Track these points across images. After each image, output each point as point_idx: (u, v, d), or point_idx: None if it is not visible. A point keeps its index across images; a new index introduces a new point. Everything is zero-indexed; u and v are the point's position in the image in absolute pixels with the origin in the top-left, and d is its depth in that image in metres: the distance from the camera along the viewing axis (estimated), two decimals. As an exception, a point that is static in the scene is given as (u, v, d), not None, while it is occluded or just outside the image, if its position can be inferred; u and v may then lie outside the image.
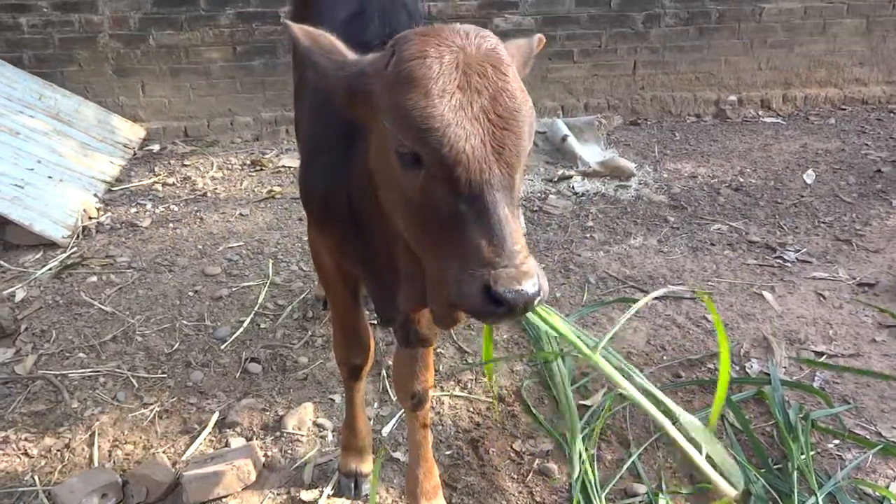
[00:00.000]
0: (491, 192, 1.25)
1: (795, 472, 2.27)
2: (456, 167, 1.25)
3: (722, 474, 1.37)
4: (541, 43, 1.69)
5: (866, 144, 5.28)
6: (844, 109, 6.04)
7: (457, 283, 1.26)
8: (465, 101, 1.27)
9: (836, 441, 2.52)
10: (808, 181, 4.69)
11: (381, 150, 1.42)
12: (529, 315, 1.37)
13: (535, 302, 1.24)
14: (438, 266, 1.32)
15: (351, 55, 1.47)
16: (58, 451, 2.55)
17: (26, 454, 2.53)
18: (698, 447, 1.41)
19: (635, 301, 3.33)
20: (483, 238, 1.23)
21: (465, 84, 1.28)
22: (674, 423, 1.42)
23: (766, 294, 3.43)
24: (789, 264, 3.69)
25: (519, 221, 1.31)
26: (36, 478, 2.42)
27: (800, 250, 3.82)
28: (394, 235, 1.60)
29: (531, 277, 1.23)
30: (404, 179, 1.34)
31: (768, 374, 2.81)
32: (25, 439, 2.59)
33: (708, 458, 1.39)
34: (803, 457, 2.35)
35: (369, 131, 1.50)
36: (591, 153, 5.00)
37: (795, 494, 2.19)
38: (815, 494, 2.19)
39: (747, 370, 2.91)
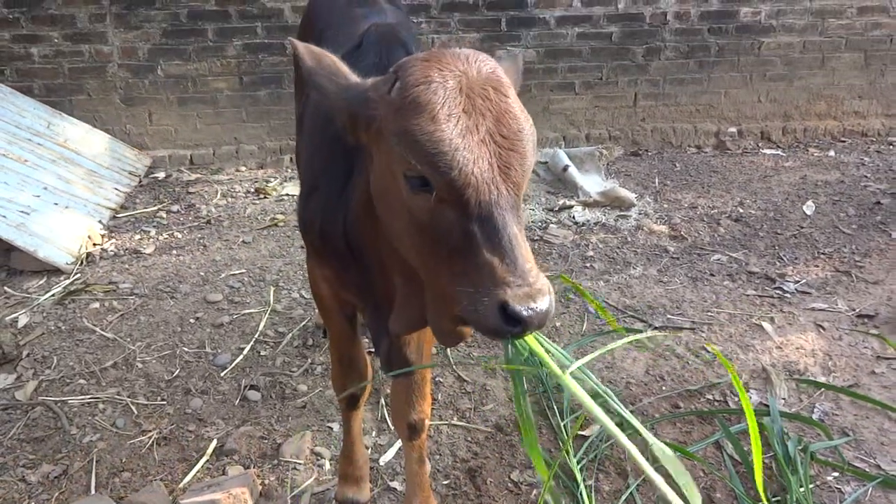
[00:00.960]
0: (500, 212, 1.28)
1: (794, 505, 2.26)
2: (466, 190, 1.28)
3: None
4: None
5: (865, 176, 5.32)
6: (844, 142, 6.08)
7: (472, 303, 1.27)
8: (471, 125, 1.30)
9: (836, 474, 2.51)
10: (808, 212, 4.71)
11: (386, 174, 1.44)
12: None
13: (548, 319, 1.26)
14: (448, 286, 1.34)
15: (353, 77, 1.49)
16: (56, 477, 2.55)
17: (24, 481, 2.53)
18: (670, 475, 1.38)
19: (635, 331, 3.36)
20: (496, 258, 1.26)
21: (470, 108, 1.31)
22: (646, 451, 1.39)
23: (766, 325, 3.43)
24: (788, 295, 3.70)
25: (525, 238, 1.34)
26: (33, 504, 2.42)
27: (799, 281, 3.83)
28: (390, 264, 1.62)
29: (545, 295, 1.26)
30: (412, 202, 1.36)
31: (767, 406, 2.81)
32: (24, 466, 2.60)
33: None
34: (802, 489, 2.34)
35: (369, 157, 1.51)
36: (592, 183, 5.04)
37: (794, 528, 2.18)
38: (814, 528, 2.18)
39: (746, 401, 2.90)
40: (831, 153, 5.83)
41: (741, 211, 4.76)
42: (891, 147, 5.95)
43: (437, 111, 1.29)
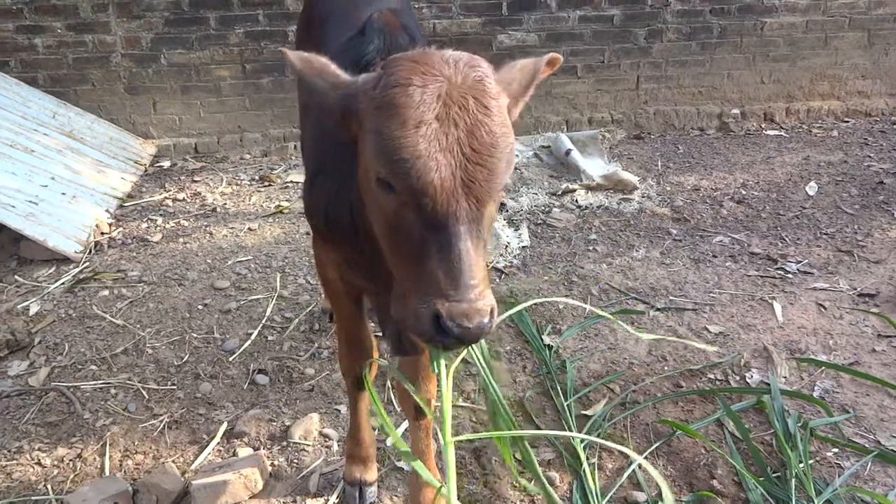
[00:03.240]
0: (456, 224, 1.28)
1: (793, 480, 2.29)
2: (422, 198, 1.28)
3: None
4: (556, 62, 1.67)
5: (869, 156, 5.32)
6: (847, 122, 6.07)
7: (413, 306, 1.31)
8: (440, 133, 1.28)
9: (836, 450, 2.55)
10: (811, 193, 4.73)
11: (365, 168, 1.46)
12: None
13: (481, 337, 1.28)
14: (403, 284, 1.38)
15: (344, 76, 1.50)
16: (70, 460, 2.61)
17: (39, 464, 2.59)
18: None
19: (637, 313, 3.40)
20: (442, 268, 1.27)
21: (443, 115, 1.29)
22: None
23: (776, 304, 3.45)
24: (790, 275, 3.72)
25: (481, 252, 1.32)
26: (49, 486, 2.48)
27: (801, 261, 3.85)
28: None
29: (481, 316, 1.26)
30: (381, 200, 1.38)
31: (768, 384, 2.84)
32: (39, 449, 2.66)
33: None
34: (802, 465, 2.38)
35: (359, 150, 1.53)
36: (595, 167, 5.06)
37: (793, 502, 2.22)
38: (813, 501, 2.22)
39: (747, 380, 2.94)
40: (834, 133, 5.83)
41: (744, 192, 4.77)
42: (894, 126, 5.94)
43: (407, 116, 1.28)
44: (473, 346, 1.45)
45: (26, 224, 3.90)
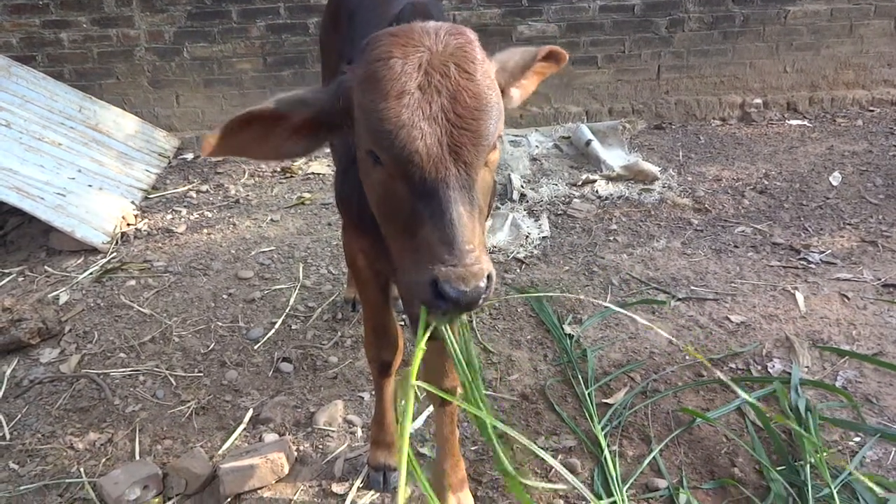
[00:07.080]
0: (446, 191, 1.29)
1: (808, 466, 2.30)
2: (409, 167, 1.30)
3: None
4: (563, 59, 1.68)
5: (894, 146, 5.25)
6: (872, 111, 6.00)
7: (411, 275, 1.33)
8: (423, 101, 1.30)
9: (857, 438, 2.54)
10: (834, 183, 4.68)
11: (357, 147, 1.48)
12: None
13: (480, 301, 1.28)
14: (399, 258, 1.40)
15: (319, 90, 1.52)
16: (101, 445, 2.68)
17: (72, 448, 2.66)
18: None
19: (658, 303, 3.39)
20: (436, 235, 1.28)
21: (425, 84, 1.31)
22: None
23: (798, 294, 3.43)
24: (813, 266, 3.70)
25: (475, 218, 1.33)
26: (81, 469, 2.55)
27: (824, 252, 3.82)
28: None
29: (478, 279, 1.26)
30: (373, 176, 1.41)
31: (790, 374, 2.84)
32: (71, 434, 2.73)
33: None
34: (819, 454, 2.38)
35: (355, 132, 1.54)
36: (615, 157, 5.05)
37: (810, 489, 2.23)
38: (830, 487, 2.22)
39: (769, 370, 2.94)
40: (859, 123, 5.76)
41: (766, 183, 4.74)
42: (920, 116, 5.86)
43: (389, 88, 1.30)
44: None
45: (55, 216, 3.98)
